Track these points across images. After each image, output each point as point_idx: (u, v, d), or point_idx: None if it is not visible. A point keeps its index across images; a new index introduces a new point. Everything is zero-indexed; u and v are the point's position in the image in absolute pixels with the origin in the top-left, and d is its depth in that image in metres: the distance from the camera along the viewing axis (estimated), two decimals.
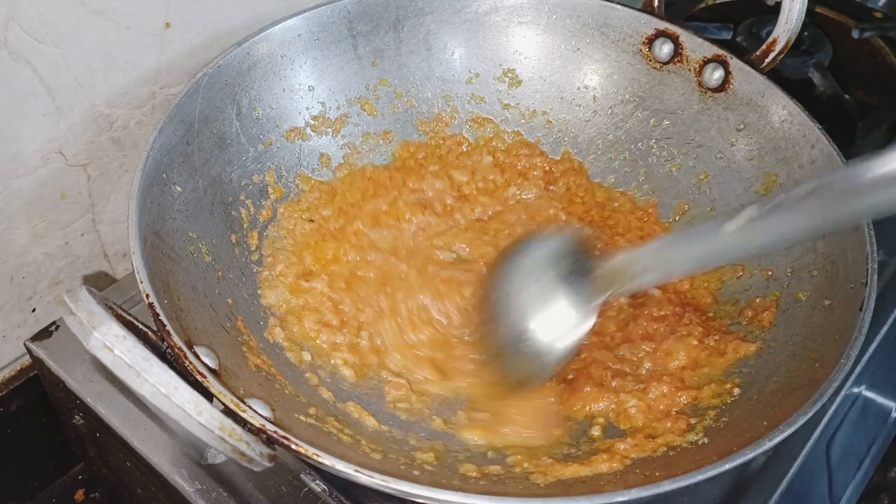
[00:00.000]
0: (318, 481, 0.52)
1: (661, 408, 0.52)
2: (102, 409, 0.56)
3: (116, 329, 0.38)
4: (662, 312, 0.58)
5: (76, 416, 0.60)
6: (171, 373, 0.39)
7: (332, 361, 0.56)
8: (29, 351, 0.60)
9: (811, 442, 0.57)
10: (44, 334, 0.60)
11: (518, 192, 0.67)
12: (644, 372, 0.55)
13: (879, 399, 0.72)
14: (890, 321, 0.65)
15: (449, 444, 0.52)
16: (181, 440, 0.54)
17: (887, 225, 0.52)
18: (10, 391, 0.65)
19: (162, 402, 0.39)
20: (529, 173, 0.68)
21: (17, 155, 0.58)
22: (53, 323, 0.61)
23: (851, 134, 0.77)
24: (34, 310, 0.66)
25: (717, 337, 0.56)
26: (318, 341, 0.57)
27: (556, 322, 0.52)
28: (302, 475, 0.52)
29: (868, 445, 0.74)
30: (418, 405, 0.55)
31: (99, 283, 0.69)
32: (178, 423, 0.39)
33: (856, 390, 0.65)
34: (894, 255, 0.68)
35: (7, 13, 0.52)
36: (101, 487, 0.71)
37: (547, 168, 0.69)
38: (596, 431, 0.52)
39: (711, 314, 0.58)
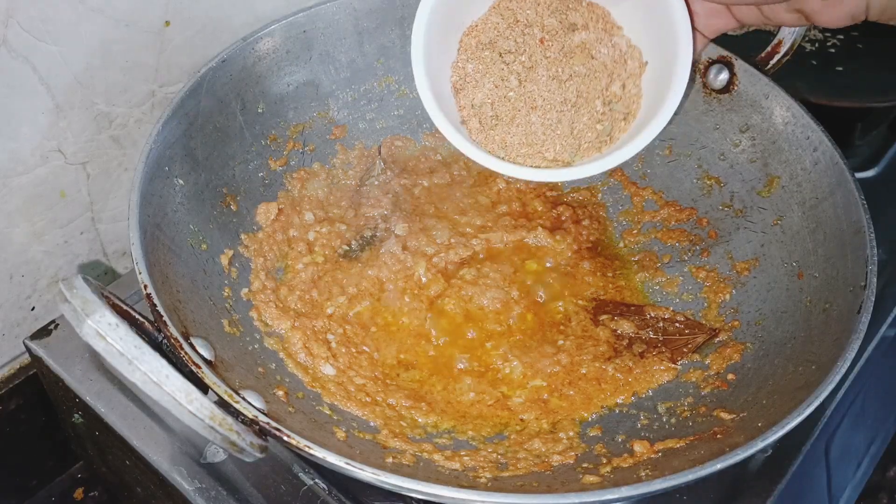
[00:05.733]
0: (317, 479, 0.52)
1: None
2: (101, 408, 0.56)
3: (109, 317, 0.39)
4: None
5: (75, 415, 0.60)
6: (163, 361, 0.39)
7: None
8: (28, 349, 0.60)
9: (810, 441, 0.57)
10: (43, 332, 0.60)
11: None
12: None
13: (878, 399, 0.72)
14: (889, 321, 0.65)
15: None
16: (180, 438, 0.54)
17: (887, 224, 0.52)
18: (9, 389, 0.65)
19: (153, 391, 0.39)
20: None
21: (16, 153, 0.58)
22: (53, 321, 0.61)
23: (850, 134, 0.77)
24: (33, 308, 0.65)
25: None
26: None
27: None
28: (301, 474, 0.52)
29: (867, 445, 0.74)
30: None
31: (99, 280, 0.69)
32: (169, 413, 0.39)
33: (855, 390, 0.65)
34: (894, 254, 0.68)
35: (7, 11, 0.52)
36: (101, 486, 0.71)
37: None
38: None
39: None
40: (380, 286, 0.61)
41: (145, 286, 0.45)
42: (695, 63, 0.58)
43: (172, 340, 0.43)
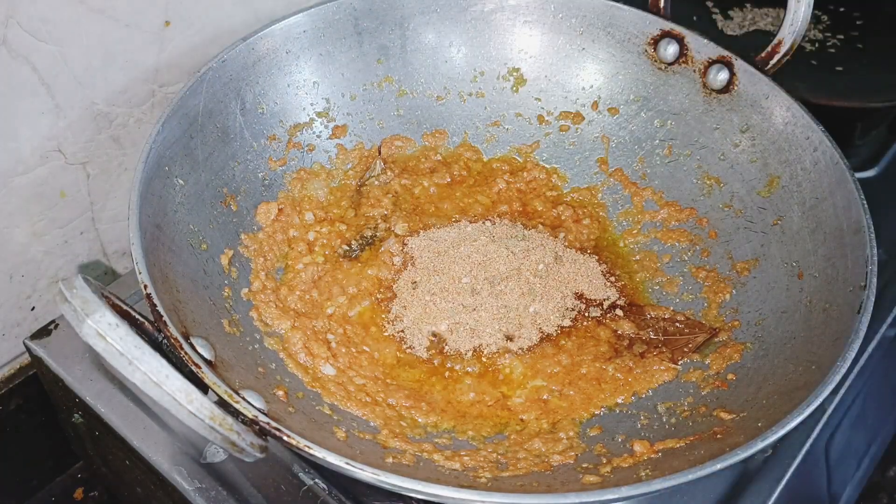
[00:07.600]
0: (317, 479, 0.52)
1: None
2: (101, 408, 0.56)
3: (110, 317, 0.39)
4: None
5: (75, 415, 0.60)
6: (163, 361, 0.39)
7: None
8: (28, 349, 0.60)
9: (810, 441, 0.57)
10: (43, 333, 0.60)
11: None
12: None
13: (878, 399, 0.72)
14: (889, 321, 0.65)
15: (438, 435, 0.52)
16: (180, 438, 0.54)
17: (887, 225, 0.52)
18: (9, 389, 0.65)
19: (153, 391, 0.39)
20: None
21: (16, 153, 0.58)
22: (52, 321, 0.61)
23: (850, 134, 0.77)
24: (33, 308, 0.65)
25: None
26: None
27: None
28: (301, 474, 0.52)
29: (867, 445, 0.74)
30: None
31: (99, 281, 0.69)
32: (169, 413, 0.40)
33: (855, 390, 0.65)
34: (894, 254, 0.68)
35: (7, 11, 0.52)
36: (100, 486, 0.71)
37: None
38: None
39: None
40: (380, 286, 0.61)
41: (145, 286, 0.45)
42: None
43: (172, 340, 0.43)
